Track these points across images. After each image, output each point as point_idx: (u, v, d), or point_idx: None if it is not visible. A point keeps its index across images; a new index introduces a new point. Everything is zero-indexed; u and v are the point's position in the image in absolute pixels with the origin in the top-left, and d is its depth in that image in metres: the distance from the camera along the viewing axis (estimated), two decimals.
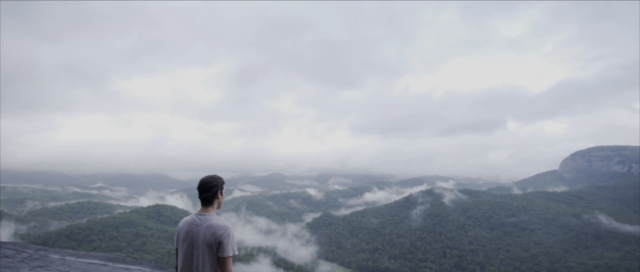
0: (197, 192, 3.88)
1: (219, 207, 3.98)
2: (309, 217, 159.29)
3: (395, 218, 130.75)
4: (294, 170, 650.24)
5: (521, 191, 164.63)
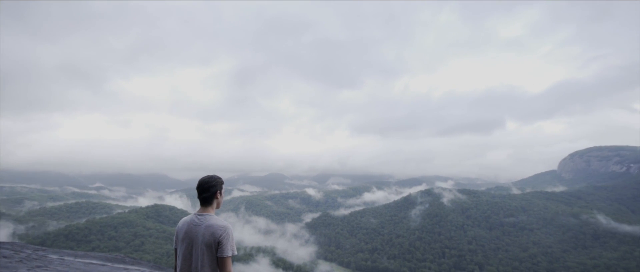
0: (196, 192, 3.89)
1: (218, 207, 3.98)
2: (308, 217, 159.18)
3: (394, 218, 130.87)
4: (293, 170, 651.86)
5: (520, 191, 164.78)
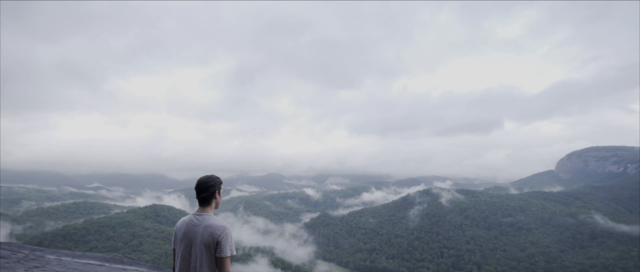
0: (195, 192, 3.88)
1: (216, 208, 3.98)
2: (307, 217, 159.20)
3: (393, 218, 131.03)
4: (291, 170, 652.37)
5: (518, 191, 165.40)
